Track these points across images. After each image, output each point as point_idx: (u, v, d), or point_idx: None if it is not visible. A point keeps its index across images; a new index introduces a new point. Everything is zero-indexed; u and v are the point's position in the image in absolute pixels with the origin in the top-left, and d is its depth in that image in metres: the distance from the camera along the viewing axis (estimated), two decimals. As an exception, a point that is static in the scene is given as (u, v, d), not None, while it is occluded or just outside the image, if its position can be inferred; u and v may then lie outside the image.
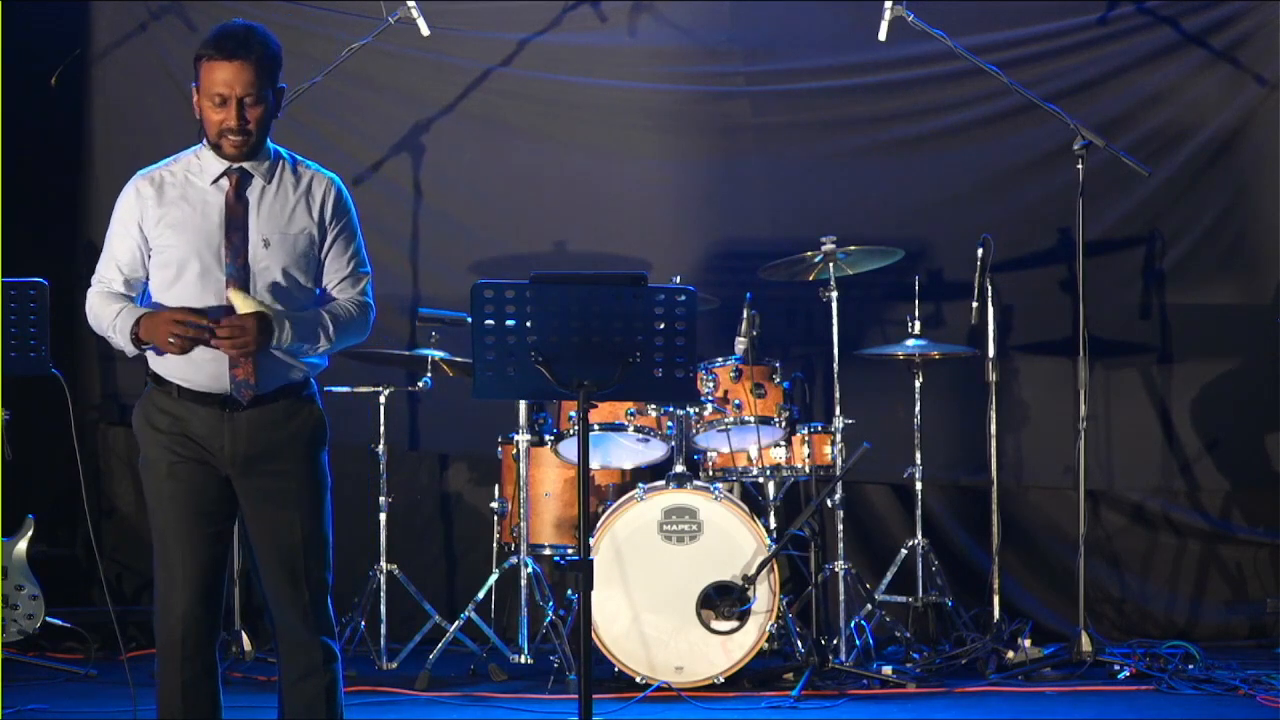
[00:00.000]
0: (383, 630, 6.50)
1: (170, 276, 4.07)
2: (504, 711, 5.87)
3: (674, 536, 6.10)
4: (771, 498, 6.59)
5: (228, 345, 3.96)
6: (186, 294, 4.05)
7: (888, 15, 6.63)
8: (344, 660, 4.28)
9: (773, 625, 6.07)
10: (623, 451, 6.49)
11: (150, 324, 4.00)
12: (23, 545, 6.49)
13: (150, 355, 4.12)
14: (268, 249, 4.08)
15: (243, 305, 4.00)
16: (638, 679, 6.01)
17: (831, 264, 6.48)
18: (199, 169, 4.12)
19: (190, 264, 4.05)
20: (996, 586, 6.68)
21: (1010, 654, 6.33)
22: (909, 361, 6.75)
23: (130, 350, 4.07)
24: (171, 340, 3.94)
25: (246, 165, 4.10)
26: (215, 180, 4.10)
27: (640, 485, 6.21)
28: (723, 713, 5.81)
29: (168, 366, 4.09)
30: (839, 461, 6.43)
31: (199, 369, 4.06)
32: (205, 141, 4.12)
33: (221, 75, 4.02)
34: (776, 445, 6.49)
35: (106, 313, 4.11)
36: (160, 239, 4.07)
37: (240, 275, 4.04)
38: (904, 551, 6.75)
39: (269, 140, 4.15)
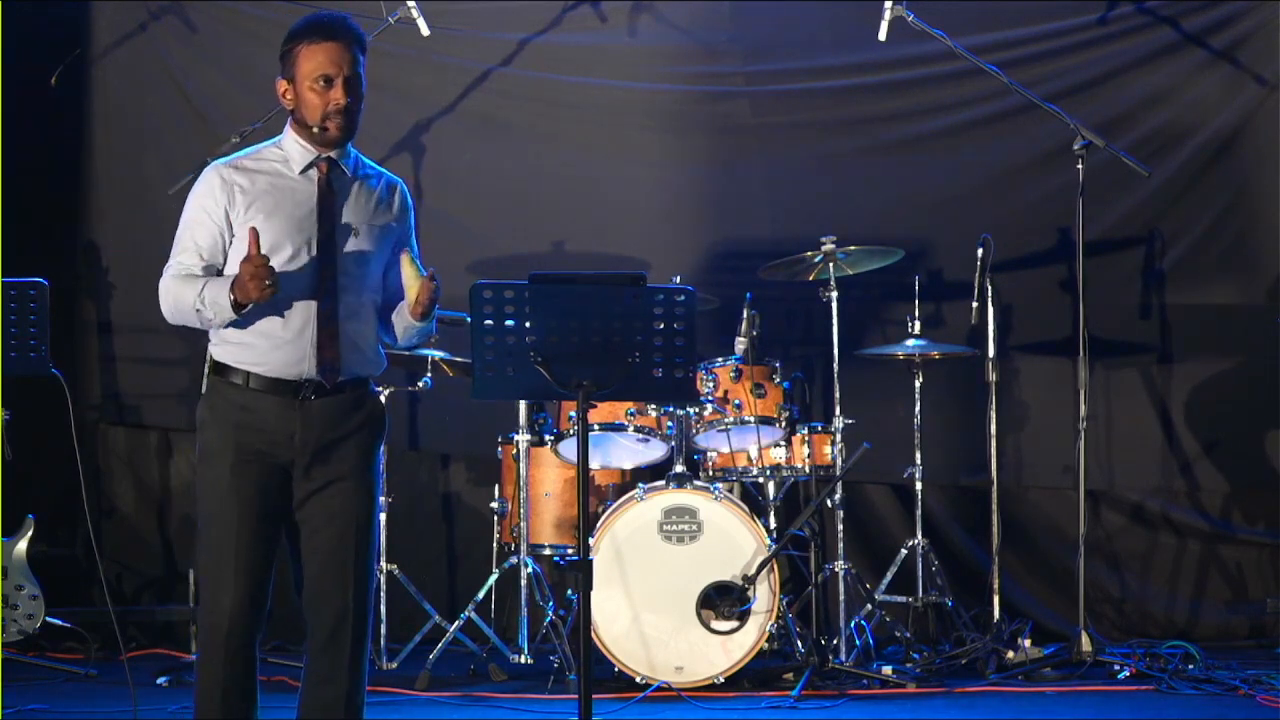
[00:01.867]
0: (383, 630, 6.50)
1: None
2: (504, 711, 5.87)
3: (674, 536, 6.10)
4: (771, 498, 6.59)
5: (429, 294, 4.05)
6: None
7: (888, 15, 6.63)
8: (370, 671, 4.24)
9: (773, 625, 6.07)
10: (623, 451, 6.49)
11: (239, 284, 3.95)
12: (23, 545, 6.49)
13: (216, 347, 4.12)
14: (356, 238, 4.12)
15: (414, 270, 4.06)
16: (638, 679, 6.01)
17: (831, 264, 6.48)
18: (284, 159, 4.15)
19: (280, 249, 4.05)
20: (996, 586, 6.68)
21: (1010, 654, 6.33)
22: (909, 361, 6.75)
23: (226, 318, 4.00)
24: (268, 285, 3.91)
25: (334, 155, 4.13)
26: (304, 170, 4.13)
27: (640, 485, 6.21)
28: (723, 713, 5.81)
29: (240, 353, 4.08)
30: (839, 461, 6.43)
31: (279, 348, 4.06)
32: (289, 132, 4.15)
33: (328, 56, 4.07)
34: (776, 445, 6.49)
35: (188, 292, 4.04)
36: (248, 224, 4.05)
37: (331, 260, 4.07)
38: (904, 551, 6.75)
39: None
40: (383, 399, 6.49)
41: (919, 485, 6.74)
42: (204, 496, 4.12)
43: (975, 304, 6.55)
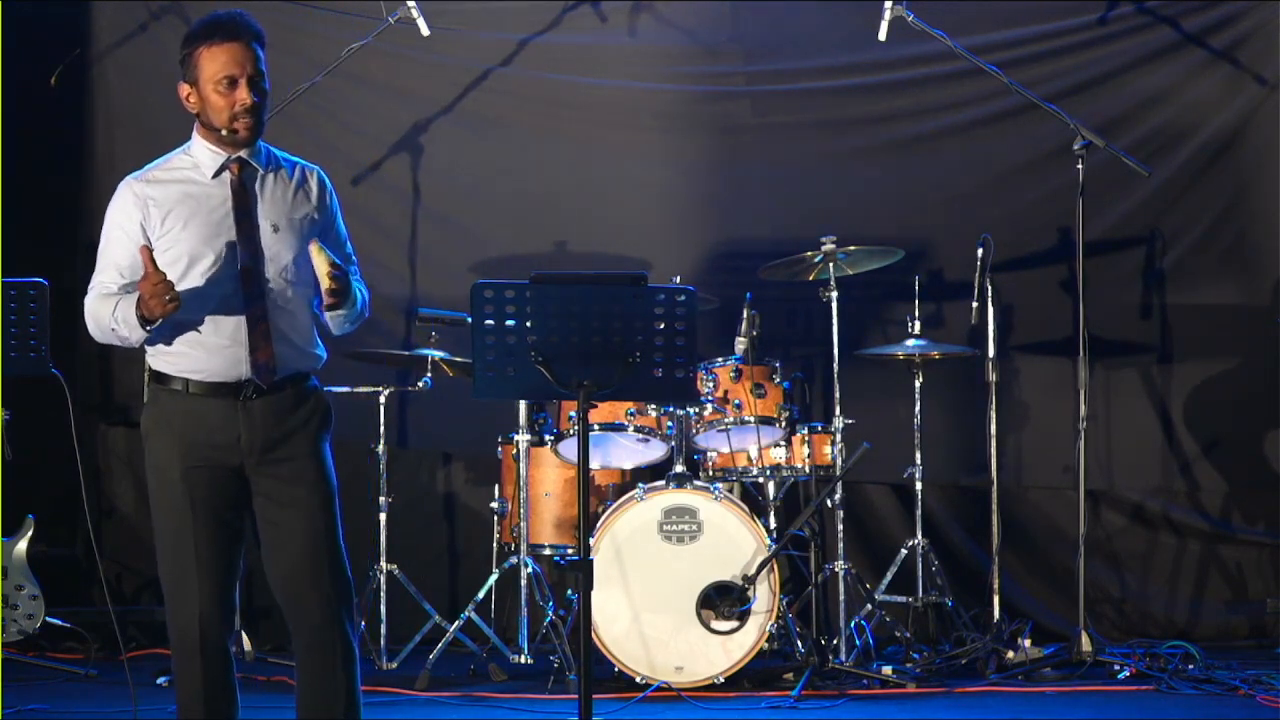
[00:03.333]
0: (383, 630, 6.50)
1: (180, 271, 4.04)
2: (504, 711, 5.87)
3: (674, 536, 6.10)
4: (771, 498, 6.59)
5: (334, 285, 4.01)
6: (195, 284, 4.04)
7: (888, 15, 6.63)
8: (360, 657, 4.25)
9: (773, 625, 6.07)
10: (623, 451, 6.49)
11: (142, 302, 3.95)
12: (23, 545, 6.49)
13: (154, 355, 4.12)
14: (277, 234, 4.10)
15: (323, 259, 4.05)
16: (638, 679, 6.01)
17: (831, 264, 6.48)
18: (194, 165, 4.14)
19: (202, 257, 4.05)
20: (996, 586, 6.68)
21: (1010, 654, 6.33)
22: (909, 361, 6.75)
23: (139, 335, 4.01)
24: (169, 300, 3.91)
25: (244, 154, 4.12)
26: (216, 174, 4.12)
27: (640, 485, 6.21)
28: (723, 713, 5.81)
29: (179, 363, 4.08)
30: (839, 461, 6.42)
31: (215, 354, 4.06)
32: (196, 137, 4.15)
33: (230, 57, 4.05)
34: (776, 445, 6.49)
35: (104, 310, 4.07)
36: (167, 237, 4.06)
37: (254, 262, 4.06)
38: (904, 551, 6.75)
39: None
40: (381, 399, 6.57)
41: (919, 485, 6.73)
42: (157, 507, 4.12)
43: (975, 304, 6.55)
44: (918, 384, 6.75)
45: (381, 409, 6.59)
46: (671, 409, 6.27)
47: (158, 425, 4.11)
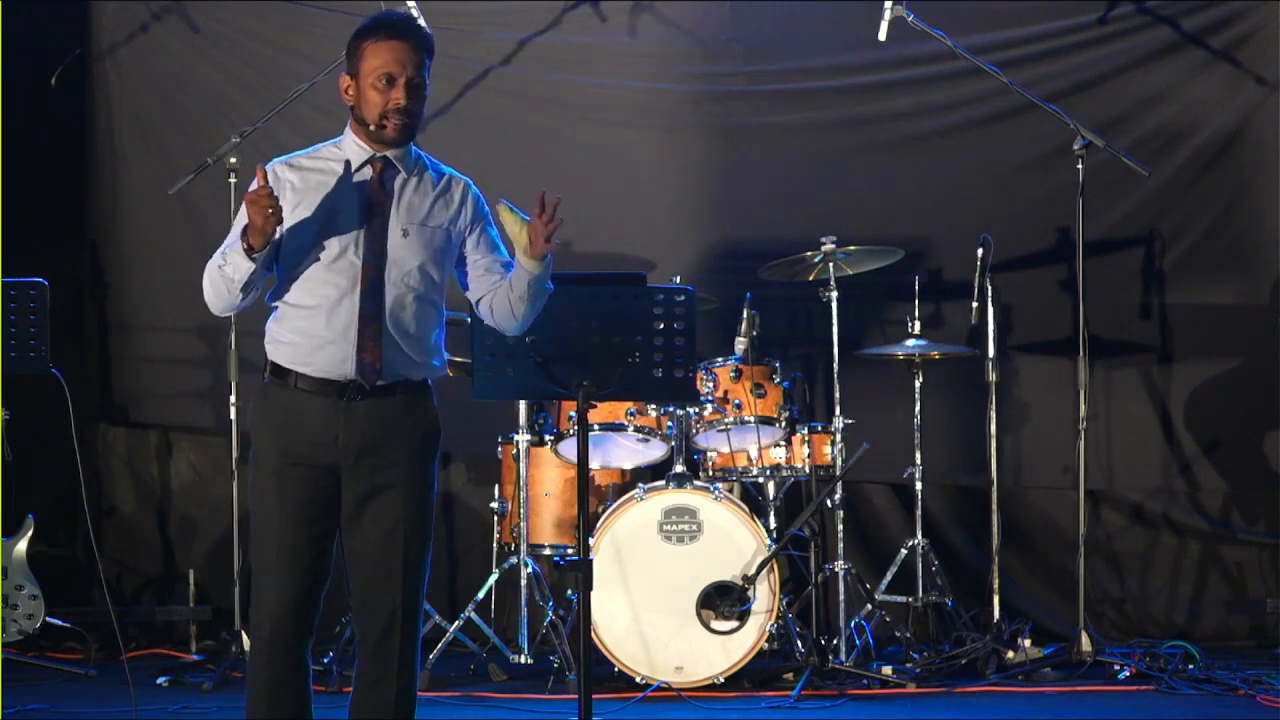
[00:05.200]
0: (383, 630, 6.49)
1: (303, 258, 4.02)
2: (504, 711, 5.87)
3: (674, 536, 6.11)
4: (771, 498, 6.59)
5: (552, 224, 3.96)
6: (316, 275, 4.02)
7: (888, 15, 6.62)
8: (422, 668, 4.22)
9: (773, 625, 6.07)
10: (623, 451, 6.49)
11: (246, 226, 3.91)
12: (23, 545, 6.49)
13: (270, 345, 4.09)
14: (405, 239, 4.05)
15: (514, 218, 4.01)
16: (638, 679, 6.01)
17: (831, 264, 6.48)
18: (340, 158, 4.10)
19: (326, 248, 4.02)
20: (996, 586, 6.68)
21: (1010, 654, 6.33)
22: (909, 361, 6.75)
23: (244, 269, 3.93)
24: (269, 211, 3.87)
25: (390, 155, 4.08)
26: (359, 168, 4.08)
27: (640, 485, 6.21)
28: (723, 713, 5.81)
29: (288, 354, 4.05)
30: (839, 461, 6.43)
31: (322, 348, 4.01)
32: (348, 130, 4.12)
33: (392, 54, 4.03)
34: (776, 445, 6.49)
35: (214, 261, 4.01)
36: (296, 221, 4.02)
37: (376, 261, 4.02)
38: (904, 551, 6.75)
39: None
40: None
41: (919, 485, 6.73)
42: (252, 500, 4.12)
43: (975, 304, 6.55)
44: (918, 384, 6.76)
45: (381, 409, 6.58)
46: (671, 409, 6.27)
47: (262, 419, 4.11)
